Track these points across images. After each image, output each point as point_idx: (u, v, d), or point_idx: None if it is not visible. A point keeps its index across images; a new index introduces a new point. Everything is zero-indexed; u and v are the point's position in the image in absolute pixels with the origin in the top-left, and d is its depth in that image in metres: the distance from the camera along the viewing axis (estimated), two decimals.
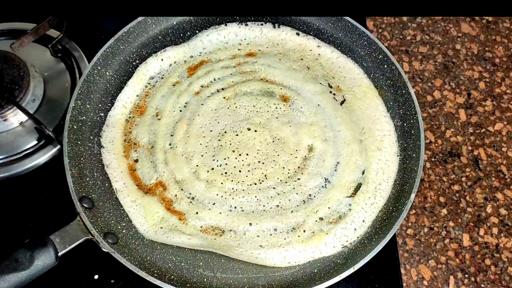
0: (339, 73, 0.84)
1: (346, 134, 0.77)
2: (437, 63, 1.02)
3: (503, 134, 0.94)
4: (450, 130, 0.93)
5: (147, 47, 0.85)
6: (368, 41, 0.83)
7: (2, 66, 0.83)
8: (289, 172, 0.74)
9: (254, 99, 0.80)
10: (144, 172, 0.75)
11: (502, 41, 1.05)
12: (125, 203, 0.72)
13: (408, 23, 1.07)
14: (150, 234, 0.69)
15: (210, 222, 0.70)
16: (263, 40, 0.87)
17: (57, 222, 0.67)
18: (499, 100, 0.98)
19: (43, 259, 0.60)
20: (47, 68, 0.90)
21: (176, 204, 0.72)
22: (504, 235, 0.84)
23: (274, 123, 0.78)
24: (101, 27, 0.98)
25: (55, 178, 0.79)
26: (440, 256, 0.81)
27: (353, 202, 0.72)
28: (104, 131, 0.77)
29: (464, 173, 0.89)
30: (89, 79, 0.77)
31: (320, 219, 0.71)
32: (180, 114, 0.79)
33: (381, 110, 0.80)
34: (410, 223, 0.84)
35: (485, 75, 1.01)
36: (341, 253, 0.69)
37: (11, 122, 0.82)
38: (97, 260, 0.73)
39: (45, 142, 0.82)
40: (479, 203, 0.86)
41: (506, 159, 0.91)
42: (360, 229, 0.70)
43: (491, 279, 0.80)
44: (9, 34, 0.93)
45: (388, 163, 0.75)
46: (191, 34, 0.87)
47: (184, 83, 0.82)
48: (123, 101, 0.80)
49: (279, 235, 0.70)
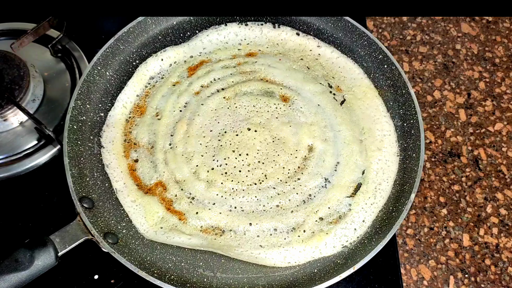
0: (339, 73, 0.84)
1: (346, 134, 0.77)
2: (437, 63, 1.02)
3: (503, 134, 0.94)
4: (450, 130, 0.93)
5: (147, 47, 0.85)
6: (368, 41, 0.83)
7: (2, 66, 0.83)
8: (289, 172, 0.74)
9: (254, 99, 0.80)
10: (144, 172, 0.75)
11: (502, 41, 1.05)
12: (125, 203, 0.72)
13: (408, 23, 1.07)
14: (150, 234, 0.69)
15: (210, 222, 0.70)
16: (263, 40, 0.87)
17: (57, 222, 0.67)
18: (499, 100, 0.98)
19: (43, 259, 0.60)
20: (47, 68, 0.90)
21: (176, 204, 0.72)
22: (504, 235, 0.84)
23: (274, 123, 0.78)
24: (101, 27, 0.98)
25: (55, 178, 0.79)
26: (440, 256, 0.81)
27: (353, 202, 0.72)
28: (104, 131, 0.77)
29: (464, 173, 0.89)
30: (89, 79, 0.77)
31: (320, 219, 0.71)
32: (180, 114, 0.79)
33: (381, 110, 0.80)
34: (410, 223, 0.84)
35: (485, 75, 1.01)
36: (341, 253, 0.69)
37: (11, 122, 0.82)
38: (97, 260, 0.73)
39: (45, 142, 0.82)
40: (479, 203, 0.86)
41: (506, 159, 0.91)
42: (360, 229, 0.70)
43: (491, 279, 0.80)
44: (9, 34, 0.93)
45: (388, 163, 0.75)
46: (191, 34, 0.87)
47: (184, 83, 0.82)
48: (123, 101, 0.80)
49: (279, 235, 0.70)
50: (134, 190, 0.73)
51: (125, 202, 0.72)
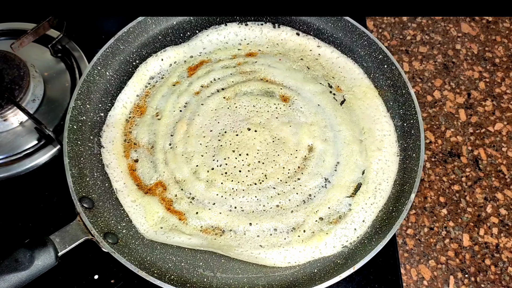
0: (339, 73, 0.84)
1: (346, 134, 0.77)
2: (437, 63, 1.02)
3: (503, 134, 0.94)
4: (450, 130, 0.93)
5: (147, 47, 0.85)
6: (368, 41, 0.83)
7: (2, 66, 0.83)
8: (289, 172, 0.74)
9: (254, 99, 0.80)
10: (144, 172, 0.75)
11: (502, 41, 1.05)
12: (125, 203, 0.72)
13: (408, 23, 1.07)
14: (150, 234, 0.69)
15: (210, 222, 0.70)
16: (263, 40, 0.87)
17: (57, 222, 0.67)
18: (499, 100, 0.98)
19: (43, 259, 0.60)
20: (47, 68, 0.90)
21: (176, 204, 0.72)
22: (504, 235, 0.84)
23: (274, 123, 0.78)
24: (101, 27, 0.98)
25: (55, 178, 0.79)
26: (440, 256, 0.81)
27: (353, 202, 0.72)
28: (104, 131, 0.77)
29: (464, 173, 0.89)
30: (89, 79, 0.77)
31: (320, 219, 0.71)
32: (180, 114, 0.79)
33: (381, 110, 0.80)
34: (410, 223, 0.84)
35: (485, 75, 1.01)
36: (341, 253, 0.69)
37: (11, 122, 0.82)
38: (97, 260, 0.73)
39: (45, 142, 0.82)
40: (479, 203, 0.86)
41: (506, 159, 0.91)
42: (360, 229, 0.70)
43: (491, 279, 0.80)
44: (9, 34, 0.93)
45: (388, 163, 0.75)
46: (191, 34, 0.87)
47: (184, 83, 0.82)
48: (123, 101, 0.80)
49: (279, 235, 0.70)
50: (134, 190, 0.73)
51: (125, 202, 0.72)
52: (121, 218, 0.71)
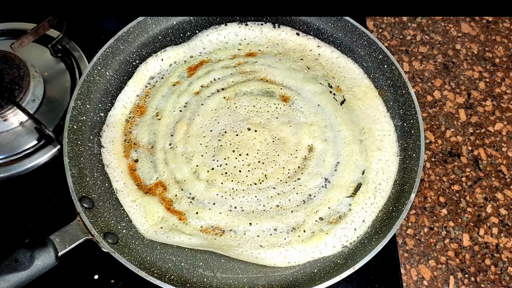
0: (339, 73, 0.84)
1: (346, 134, 0.77)
2: (437, 63, 1.02)
3: (503, 134, 0.94)
4: (450, 130, 0.93)
5: (147, 47, 0.85)
6: (368, 41, 0.83)
7: (2, 66, 0.83)
8: (289, 172, 0.74)
9: (254, 99, 0.80)
10: (144, 172, 0.75)
11: (502, 41, 1.05)
12: (125, 203, 0.72)
13: (408, 23, 1.07)
14: (150, 234, 0.69)
15: (210, 222, 0.70)
16: (263, 40, 0.87)
17: (57, 222, 0.67)
18: (499, 100, 0.98)
19: (43, 259, 0.60)
20: (47, 68, 0.90)
21: (176, 204, 0.72)
22: (504, 235, 0.84)
23: (274, 123, 0.78)
24: (101, 27, 0.98)
25: (55, 178, 0.79)
26: (440, 256, 0.81)
27: (353, 202, 0.72)
28: (104, 131, 0.77)
29: (464, 173, 0.89)
30: (89, 79, 0.77)
31: (320, 219, 0.71)
32: (180, 114, 0.79)
33: (381, 110, 0.80)
34: (410, 223, 0.84)
35: (485, 75, 1.01)
36: (341, 253, 0.69)
37: (11, 122, 0.83)
38: (97, 260, 0.73)
39: (45, 142, 0.82)
40: (479, 203, 0.86)
41: (506, 159, 0.91)
42: (360, 229, 0.70)
43: (491, 279, 0.80)
44: (9, 34, 0.93)
45: (388, 163, 0.75)
46: (191, 34, 0.87)
47: (184, 83, 0.82)
48: (123, 101, 0.80)
49: (279, 235, 0.70)
50: (134, 190, 0.73)
51: (125, 202, 0.72)
52: (121, 218, 0.71)
